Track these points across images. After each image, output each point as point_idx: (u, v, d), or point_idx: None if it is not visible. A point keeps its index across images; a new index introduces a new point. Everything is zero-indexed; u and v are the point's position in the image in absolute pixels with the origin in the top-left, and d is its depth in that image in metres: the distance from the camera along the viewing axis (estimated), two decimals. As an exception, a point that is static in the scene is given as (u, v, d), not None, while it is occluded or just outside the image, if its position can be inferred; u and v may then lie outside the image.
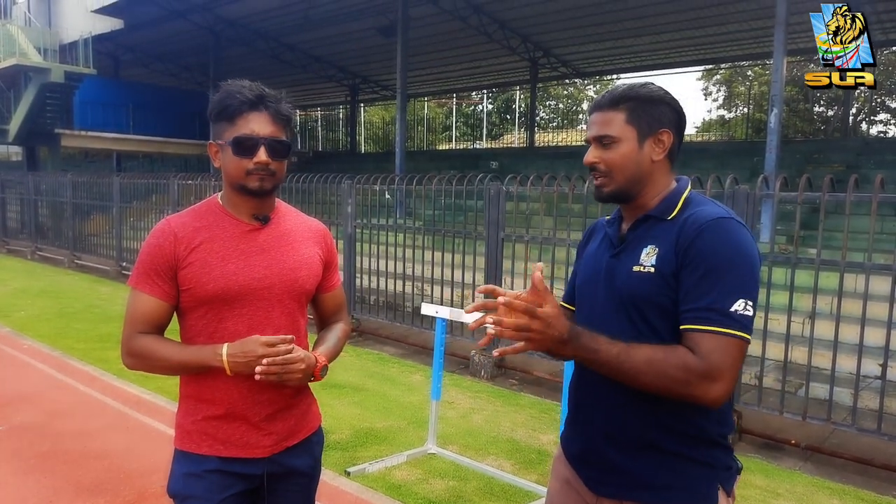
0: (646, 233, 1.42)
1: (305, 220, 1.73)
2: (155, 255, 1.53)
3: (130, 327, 1.54)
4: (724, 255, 1.29)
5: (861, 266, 4.09)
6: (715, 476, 1.39)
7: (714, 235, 1.30)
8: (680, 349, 1.28)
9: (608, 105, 1.44)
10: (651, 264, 1.36)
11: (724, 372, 1.25)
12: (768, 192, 4.80)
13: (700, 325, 1.28)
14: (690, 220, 1.35)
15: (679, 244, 1.33)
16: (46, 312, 7.87)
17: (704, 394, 1.26)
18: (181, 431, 1.60)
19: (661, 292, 1.34)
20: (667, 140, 1.42)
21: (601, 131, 1.43)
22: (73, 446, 3.91)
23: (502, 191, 5.83)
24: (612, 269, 1.45)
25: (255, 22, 18.44)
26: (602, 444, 1.44)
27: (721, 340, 1.26)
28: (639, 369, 1.27)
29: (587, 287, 1.53)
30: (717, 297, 1.27)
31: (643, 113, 1.42)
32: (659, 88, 1.45)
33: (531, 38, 18.31)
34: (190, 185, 9.73)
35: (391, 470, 3.72)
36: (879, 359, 4.24)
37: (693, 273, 1.30)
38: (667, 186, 1.46)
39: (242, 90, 1.50)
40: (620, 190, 1.44)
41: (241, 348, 1.48)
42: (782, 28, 9.31)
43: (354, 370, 5.73)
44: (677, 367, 1.26)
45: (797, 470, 4.00)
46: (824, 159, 12.33)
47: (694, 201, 1.42)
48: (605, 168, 1.44)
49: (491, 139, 32.11)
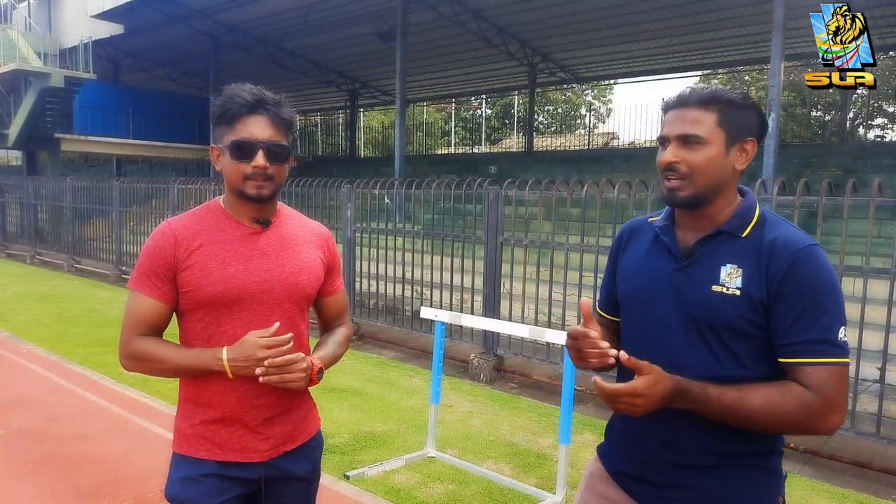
0: (719, 248, 1.35)
1: (308, 223, 1.72)
2: (154, 256, 1.53)
3: (129, 329, 1.54)
4: (822, 285, 1.27)
5: (859, 270, 4.11)
6: (775, 484, 1.39)
7: (810, 265, 1.28)
8: (794, 387, 1.26)
9: (697, 103, 1.35)
10: (736, 286, 1.30)
11: (840, 402, 1.26)
12: (766, 196, 4.81)
13: (811, 359, 1.26)
14: (779, 246, 1.30)
15: (771, 271, 1.28)
16: (46, 317, 7.86)
17: (826, 426, 1.27)
18: (179, 435, 1.59)
19: (746, 316, 1.30)
20: (751, 150, 1.37)
21: (688, 130, 1.34)
22: (72, 450, 3.91)
23: (501, 195, 5.84)
24: (679, 284, 1.37)
25: (255, 27, 18.49)
26: (664, 464, 1.39)
27: (833, 371, 1.25)
28: (755, 416, 1.26)
29: (643, 298, 1.44)
30: (823, 329, 1.26)
31: (735, 117, 1.35)
32: (747, 95, 1.40)
33: (530, 43, 18.37)
34: (190, 190, 9.74)
35: (390, 473, 3.72)
36: (878, 362, 4.24)
37: (794, 304, 1.26)
38: (736, 198, 1.40)
39: (242, 93, 1.50)
40: (697, 196, 1.35)
41: (240, 351, 1.47)
42: (780, 33, 9.36)
43: (354, 374, 5.73)
44: (796, 408, 1.25)
45: (796, 473, 4.00)
46: (822, 163, 12.37)
47: (769, 220, 1.37)
48: (685, 170, 1.34)
49: (490, 144, 32.14)
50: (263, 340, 1.46)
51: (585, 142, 26.64)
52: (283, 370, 1.47)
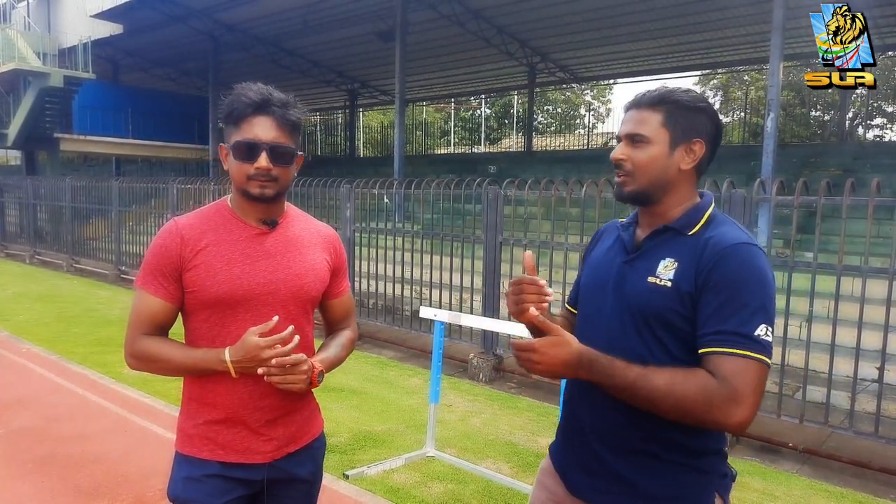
0: (664, 244, 1.40)
1: (315, 224, 1.71)
2: (161, 255, 1.53)
3: (135, 328, 1.54)
4: (747, 280, 1.28)
5: (858, 269, 4.11)
6: (711, 483, 1.39)
7: (737, 260, 1.29)
8: (700, 372, 1.26)
9: (647, 104, 1.41)
10: (669, 278, 1.34)
11: (747, 396, 1.23)
12: (765, 195, 4.82)
13: (723, 348, 1.26)
14: (713, 242, 1.33)
15: (701, 265, 1.31)
16: (45, 316, 7.86)
17: (726, 419, 1.24)
18: (182, 435, 1.59)
19: (674, 308, 1.33)
20: (698, 150, 1.39)
21: (634, 129, 1.40)
22: (72, 450, 3.91)
23: (500, 195, 5.84)
24: (624, 275, 1.43)
25: (255, 27, 18.48)
26: (599, 456, 1.42)
27: (744, 363, 1.24)
28: (657, 395, 1.26)
29: (594, 289, 1.50)
30: (741, 322, 1.26)
31: (681, 118, 1.38)
32: (701, 96, 1.42)
33: (529, 43, 18.37)
34: (189, 189, 9.74)
35: (390, 473, 3.73)
36: (876, 362, 4.25)
37: (716, 297, 1.28)
38: (690, 199, 1.43)
39: (249, 93, 1.49)
40: (641, 192, 1.41)
41: (242, 352, 1.46)
42: (779, 33, 9.36)
43: (353, 373, 5.74)
44: (697, 392, 1.24)
45: (794, 473, 4.01)
46: (821, 163, 12.38)
47: (716, 220, 1.40)
48: (630, 167, 1.41)
49: (489, 143, 32.15)
50: (264, 340, 1.45)
51: (585, 142, 26.66)
52: (286, 371, 1.47)
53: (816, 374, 5.20)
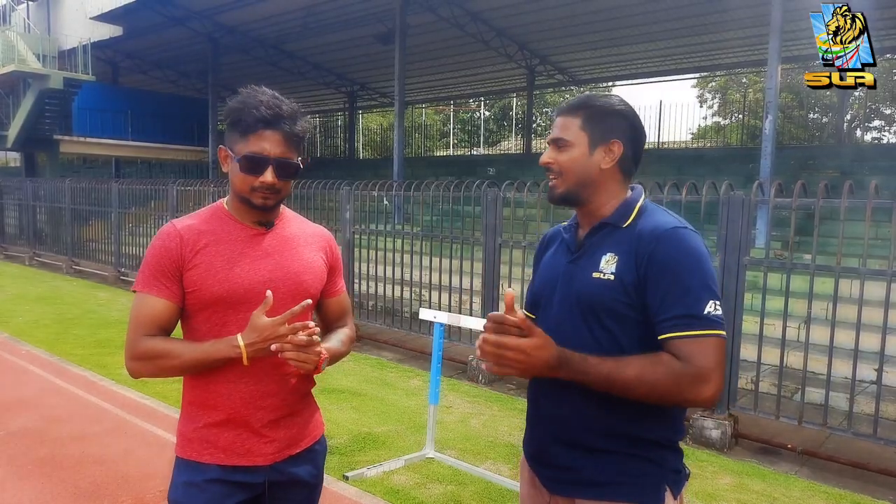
0: (603, 240, 1.47)
1: (309, 225, 1.74)
2: (161, 256, 1.53)
3: (137, 331, 1.51)
4: (684, 263, 1.36)
5: (856, 271, 4.12)
6: (663, 476, 1.43)
7: (672, 245, 1.37)
8: (665, 357, 1.33)
9: (568, 110, 1.51)
10: (611, 272, 1.41)
11: (711, 371, 1.32)
12: (763, 198, 4.83)
13: (679, 332, 1.34)
14: (646, 231, 1.41)
15: (638, 254, 1.39)
16: (45, 318, 7.86)
17: (697, 396, 1.32)
18: (182, 439, 1.59)
19: (620, 299, 1.40)
20: (616, 150, 1.48)
21: (558, 134, 1.51)
22: (71, 451, 3.92)
23: (499, 197, 5.86)
24: (571, 274, 1.50)
25: (254, 29, 18.49)
26: (556, 446, 1.49)
27: (701, 343, 1.32)
28: (629, 385, 1.33)
29: (545, 291, 1.57)
30: (689, 304, 1.34)
31: (598, 121, 1.48)
32: (619, 101, 1.51)
33: (528, 45, 18.40)
34: (188, 191, 9.75)
35: (389, 474, 3.73)
36: (875, 363, 4.26)
37: (659, 284, 1.36)
38: (621, 195, 1.51)
39: (259, 106, 1.47)
40: (569, 192, 1.50)
41: (255, 334, 1.44)
42: (777, 36, 9.39)
43: (353, 375, 5.74)
44: (667, 376, 1.31)
45: (793, 474, 4.02)
46: (819, 165, 12.41)
47: (647, 210, 1.48)
48: (557, 169, 1.51)
49: (488, 146, 32.19)
50: (278, 318, 1.44)
51: (584, 144, 26.60)
52: (302, 350, 1.45)
53: (815, 375, 5.21)
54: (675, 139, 21.79)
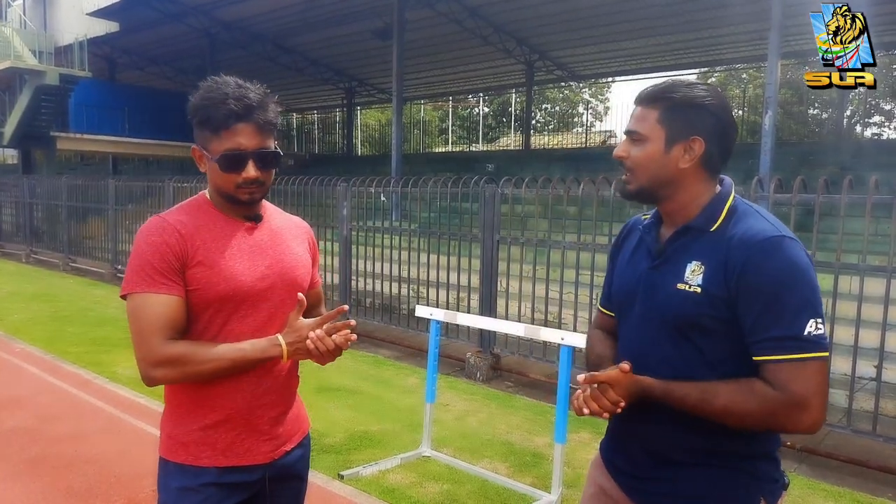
0: (688, 246, 1.35)
1: (290, 217, 1.71)
2: (164, 252, 1.43)
3: (154, 335, 1.39)
4: (781, 278, 1.24)
5: (856, 268, 4.10)
6: (759, 487, 1.35)
7: (767, 258, 1.25)
8: (757, 385, 1.24)
9: (646, 100, 1.38)
10: (697, 283, 1.30)
11: (809, 398, 1.22)
12: (763, 193, 4.79)
13: (775, 356, 1.23)
14: (738, 240, 1.28)
15: (729, 267, 1.27)
16: (40, 316, 7.83)
17: (796, 425, 1.24)
18: (173, 443, 1.52)
19: (706, 313, 1.29)
20: (697, 148, 1.34)
21: (633, 126, 1.39)
22: (65, 450, 3.88)
23: (498, 193, 5.82)
24: (653, 282, 1.39)
25: (252, 25, 18.44)
26: (646, 459, 1.41)
27: (799, 366, 1.22)
28: (718, 416, 1.27)
29: (625, 297, 1.48)
30: (787, 324, 1.23)
31: (677, 115, 1.35)
32: (705, 92, 1.36)
33: (527, 41, 18.35)
34: (185, 188, 9.71)
35: (385, 473, 3.70)
36: (874, 360, 4.23)
37: (755, 302, 1.25)
38: (705, 193, 1.38)
39: (227, 100, 1.41)
40: (643, 190, 1.39)
41: (295, 334, 1.45)
42: (777, 31, 9.35)
43: (349, 373, 5.71)
44: (760, 407, 1.23)
45: (792, 472, 3.99)
46: (819, 161, 12.38)
47: (739, 211, 1.35)
48: (630, 164, 1.39)
49: (487, 142, 32.13)
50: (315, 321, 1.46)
51: (583, 140, 26.65)
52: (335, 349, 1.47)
53: (814, 372, 5.18)
54: (675, 135, 21.72)
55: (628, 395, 1.31)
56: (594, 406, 1.33)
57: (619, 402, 1.31)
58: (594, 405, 1.33)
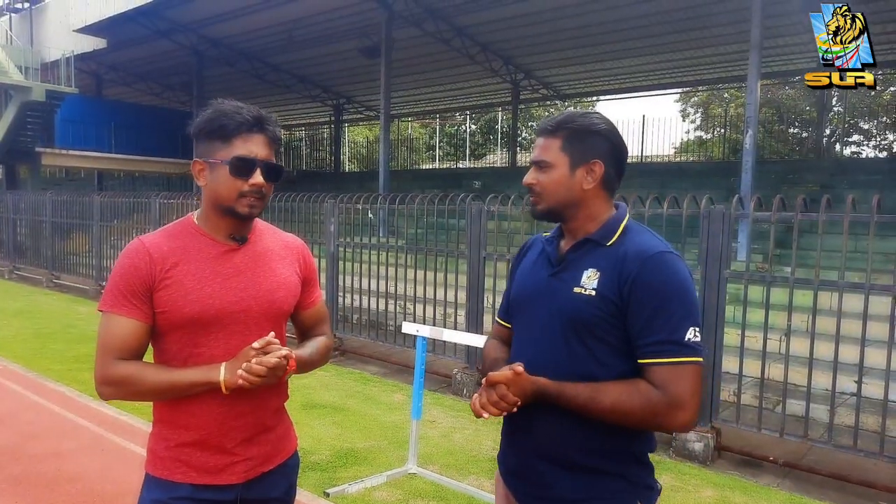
0: (585, 255, 1.48)
1: (282, 237, 1.70)
2: (131, 275, 1.47)
3: (107, 355, 1.46)
4: (668, 289, 1.37)
5: (835, 284, 4.17)
6: (635, 493, 1.45)
7: (657, 270, 1.38)
8: (641, 384, 1.36)
9: (548, 131, 1.51)
10: (592, 287, 1.42)
11: (685, 399, 1.34)
12: (744, 211, 4.89)
13: (657, 359, 1.36)
14: (632, 252, 1.41)
15: (623, 275, 1.40)
16: (23, 333, 7.73)
17: (672, 422, 1.36)
18: (153, 456, 1.55)
19: (599, 315, 1.40)
20: (598, 170, 1.48)
21: (539, 156, 1.51)
22: (47, 469, 3.84)
23: (484, 210, 5.87)
24: (551, 287, 1.50)
25: (240, 42, 18.49)
26: (532, 461, 1.49)
27: (678, 369, 1.35)
28: (605, 414, 1.37)
29: (524, 303, 1.57)
30: (670, 330, 1.35)
31: (577, 142, 1.48)
32: (598, 119, 1.50)
33: (513, 60, 18.56)
34: (171, 204, 9.68)
35: (371, 491, 3.69)
36: (854, 375, 4.30)
37: (643, 309, 1.37)
38: (605, 212, 1.51)
39: (241, 110, 1.48)
40: (551, 210, 1.52)
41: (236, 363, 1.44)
42: (757, 52, 9.55)
43: (336, 390, 5.69)
44: (642, 405, 1.34)
45: (775, 486, 4.03)
46: (799, 179, 12.59)
47: (632, 230, 1.49)
48: (539, 189, 1.51)
49: (474, 159, 32.29)
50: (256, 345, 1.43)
51: (568, 157, 26.78)
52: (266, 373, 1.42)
53: (796, 387, 5.26)
54: (659, 153, 22.00)
55: (524, 394, 1.38)
56: (492, 409, 1.39)
57: (515, 402, 1.38)
58: (493, 409, 1.39)
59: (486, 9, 14.51)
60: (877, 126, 25.76)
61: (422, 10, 14.87)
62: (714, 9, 13.12)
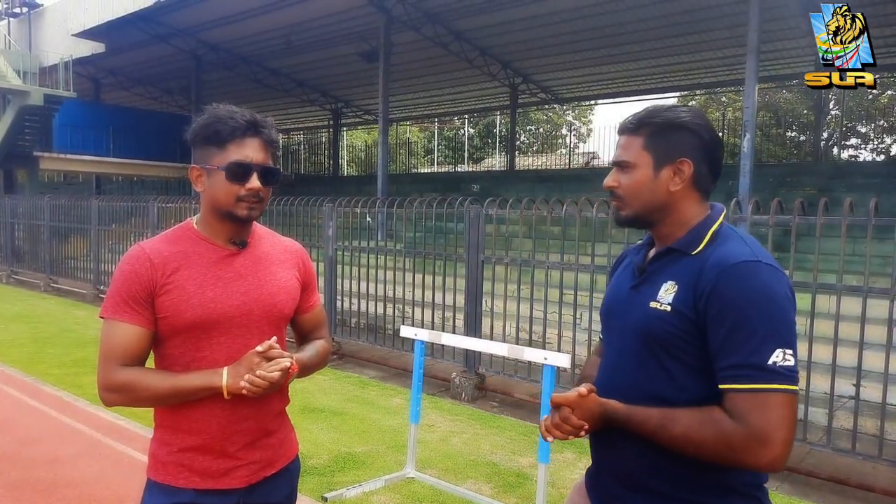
0: (666, 266, 1.34)
1: (281, 241, 1.71)
2: (132, 281, 1.47)
3: (110, 361, 1.46)
4: (749, 303, 1.19)
5: (833, 287, 4.17)
6: None
7: (737, 281, 1.21)
8: (716, 413, 1.20)
9: (629, 128, 1.38)
10: (668, 302, 1.28)
11: (770, 432, 1.15)
12: (741, 215, 4.89)
13: (735, 384, 1.18)
14: (712, 262, 1.25)
15: (699, 287, 1.24)
16: (20, 337, 7.71)
17: (756, 460, 1.17)
18: (155, 462, 1.55)
19: (675, 333, 1.27)
20: (686, 170, 1.33)
21: (620, 156, 1.39)
22: (44, 474, 3.82)
23: (482, 214, 5.87)
24: (631, 301, 1.39)
25: (238, 46, 18.53)
26: (620, 490, 1.39)
27: (760, 398, 1.16)
28: (677, 445, 1.23)
29: (608, 318, 1.49)
30: (749, 352, 1.17)
31: (661, 139, 1.34)
32: (685, 113, 1.35)
33: (511, 64, 18.61)
34: (169, 208, 9.67)
35: (369, 495, 3.68)
36: (853, 379, 4.30)
37: (721, 326, 1.20)
38: (696, 216, 1.36)
39: (235, 115, 1.48)
40: (637, 216, 1.38)
41: (239, 368, 1.45)
42: (754, 56, 9.58)
43: (334, 394, 5.68)
44: (715, 436, 1.18)
45: (774, 490, 4.02)
46: (797, 183, 12.62)
47: (722, 236, 1.32)
48: (621, 193, 1.38)
49: (472, 163, 32.35)
50: (259, 349, 1.44)
51: (566, 161, 26.92)
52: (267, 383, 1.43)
53: (795, 391, 5.23)
54: (657, 157, 22.00)
55: (591, 418, 1.29)
56: (557, 433, 1.31)
57: (581, 425, 1.29)
58: (557, 432, 1.31)
59: (484, 13, 14.57)
60: (874, 129, 25.84)
61: (420, 15, 14.91)
62: (712, 13, 13.18)
